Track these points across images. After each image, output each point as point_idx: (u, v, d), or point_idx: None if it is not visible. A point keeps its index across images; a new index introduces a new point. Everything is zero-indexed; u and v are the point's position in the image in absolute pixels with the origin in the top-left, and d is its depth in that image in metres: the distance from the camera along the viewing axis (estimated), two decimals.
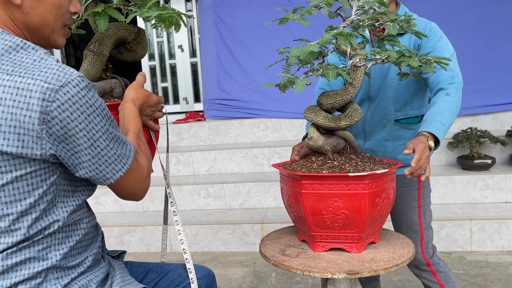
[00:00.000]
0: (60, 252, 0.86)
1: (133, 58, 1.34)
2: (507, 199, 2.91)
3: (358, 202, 1.10)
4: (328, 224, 1.13)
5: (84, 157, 0.83)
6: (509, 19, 3.53)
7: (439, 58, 1.12)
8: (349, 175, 1.08)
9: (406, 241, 1.23)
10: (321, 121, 1.20)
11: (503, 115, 3.52)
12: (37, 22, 0.88)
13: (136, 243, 3.03)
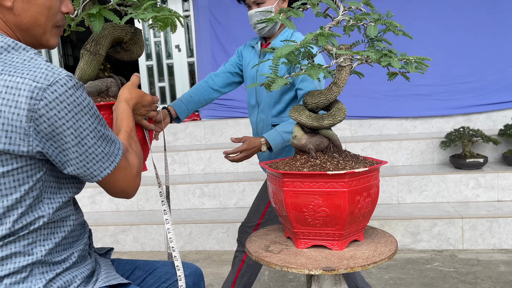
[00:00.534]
0: (45, 248, 0.89)
1: (129, 58, 1.37)
2: (499, 197, 2.93)
3: (337, 200, 1.11)
4: (309, 221, 1.15)
5: (71, 155, 0.86)
6: (500, 19, 3.55)
7: (420, 58, 1.14)
8: (328, 173, 1.10)
9: (390, 240, 1.25)
10: (304, 120, 1.22)
11: (496, 114, 3.54)
12: (29, 23, 0.90)
13: (131, 242, 3.05)
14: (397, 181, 3.05)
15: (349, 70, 1.20)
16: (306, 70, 1.16)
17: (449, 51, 3.62)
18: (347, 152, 1.25)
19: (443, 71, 3.63)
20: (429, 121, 3.64)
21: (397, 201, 3.06)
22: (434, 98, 3.60)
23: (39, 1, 0.90)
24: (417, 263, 2.53)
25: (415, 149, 3.35)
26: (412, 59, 1.12)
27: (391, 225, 2.77)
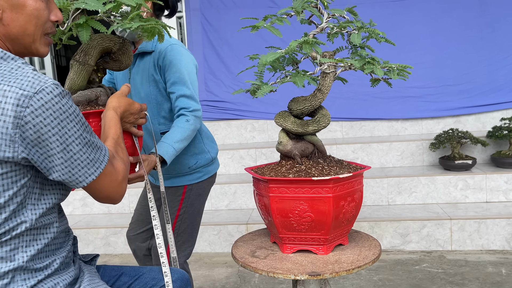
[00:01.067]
0: (28, 254, 0.89)
1: (118, 68, 1.39)
2: (487, 199, 2.97)
3: (322, 205, 1.13)
4: (295, 226, 1.16)
5: (57, 161, 0.87)
6: (489, 21, 3.59)
7: (402, 66, 1.16)
8: (313, 179, 1.12)
9: (374, 243, 1.27)
10: (290, 126, 1.23)
11: (485, 116, 3.58)
12: (18, 33, 0.92)
13: (122, 245, 3.05)
14: (387, 183, 3.08)
15: (333, 77, 1.22)
16: (291, 77, 1.17)
17: (439, 53, 3.66)
18: (332, 158, 1.27)
19: (433, 73, 3.67)
20: (419, 122, 3.67)
21: (387, 203, 3.09)
22: (424, 100, 3.64)
23: (27, 11, 0.91)
24: (406, 264, 2.56)
25: (405, 150, 3.38)
26: (394, 67, 1.13)
27: (381, 226, 2.80)
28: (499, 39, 3.58)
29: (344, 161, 1.30)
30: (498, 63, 3.59)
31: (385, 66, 1.14)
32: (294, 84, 1.17)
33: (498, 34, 3.58)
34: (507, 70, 3.57)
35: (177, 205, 1.71)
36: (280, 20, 1.23)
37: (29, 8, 0.91)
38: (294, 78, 1.15)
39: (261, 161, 3.54)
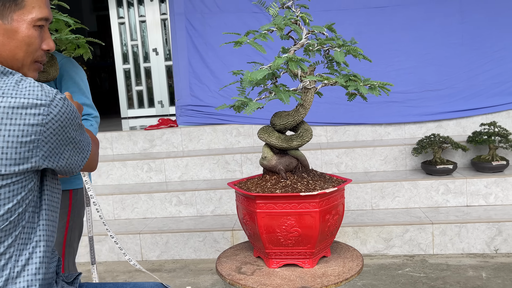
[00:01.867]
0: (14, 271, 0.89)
1: (45, 79, 1.47)
2: (468, 203, 3.03)
3: (309, 220, 1.15)
4: (281, 241, 1.17)
5: (64, 157, 0.94)
6: (469, 28, 3.67)
7: (382, 83, 1.19)
8: (300, 195, 1.13)
9: (355, 254, 1.29)
10: (274, 141, 1.25)
11: (466, 121, 3.66)
12: (7, 56, 0.94)
13: (106, 252, 3.03)
14: (371, 187, 3.12)
15: (313, 92, 1.24)
16: (277, 94, 1.18)
17: (421, 60, 3.72)
18: (314, 171, 1.29)
19: (415, 79, 3.73)
20: (402, 127, 3.73)
21: (371, 207, 3.13)
22: (407, 105, 3.70)
23: (18, 37, 0.93)
24: (389, 269, 2.60)
25: (389, 155, 3.43)
26: (376, 84, 1.16)
27: (365, 231, 2.83)
28: (478, 46, 3.67)
29: (326, 174, 1.32)
30: (477, 69, 3.67)
31: (367, 83, 1.16)
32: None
33: (478, 41, 3.66)
34: (486, 76, 3.65)
35: (65, 213, 1.72)
36: (264, 36, 1.24)
37: (22, 34, 0.93)
38: (280, 95, 1.16)
39: (247, 166, 3.55)
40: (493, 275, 2.42)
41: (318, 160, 3.49)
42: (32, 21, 0.94)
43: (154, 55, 6.26)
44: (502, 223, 2.71)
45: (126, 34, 6.21)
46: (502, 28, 3.64)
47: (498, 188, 2.99)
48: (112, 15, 6.17)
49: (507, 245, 2.70)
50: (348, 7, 3.73)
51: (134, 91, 6.29)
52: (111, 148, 3.94)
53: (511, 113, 3.62)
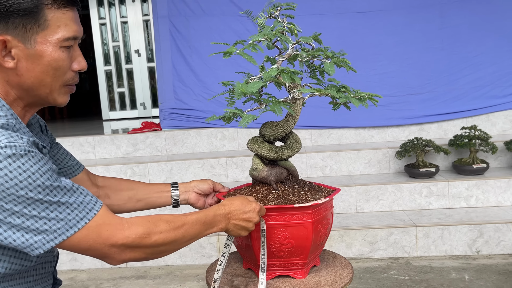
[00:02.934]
0: None
1: None
2: (450, 205, 3.09)
3: (303, 231, 1.14)
4: (275, 253, 1.17)
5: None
6: (449, 33, 3.75)
7: (371, 95, 1.19)
8: (294, 206, 1.13)
9: (344, 262, 1.30)
10: (265, 152, 1.24)
11: (447, 124, 3.74)
12: (33, 84, 0.84)
13: (89, 259, 2.97)
14: (356, 191, 3.15)
15: (302, 102, 1.24)
16: (270, 105, 1.17)
17: (403, 64, 3.78)
18: (304, 181, 1.29)
19: (397, 83, 3.79)
20: (385, 130, 3.78)
21: (355, 210, 3.16)
22: (390, 108, 3.75)
23: (44, 61, 0.83)
24: (375, 272, 2.63)
25: (373, 158, 3.47)
26: (365, 96, 1.17)
27: (350, 234, 2.86)
28: (458, 51, 3.75)
29: (314, 184, 1.32)
30: (458, 73, 3.75)
31: (357, 95, 1.17)
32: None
33: (457, 46, 3.74)
34: (466, 80, 3.74)
35: None
36: (254, 47, 1.23)
37: (47, 58, 0.83)
38: (272, 106, 1.15)
39: (232, 170, 3.54)
40: (475, 277, 2.48)
41: (303, 163, 3.50)
42: (58, 42, 0.84)
43: (136, 56, 6.19)
44: (483, 225, 2.78)
45: (108, 35, 6.11)
46: (481, 34, 3.73)
47: (479, 190, 3.06)
48: (93, 15, 6.07)
49: (488, 247, 2.77)
50: (332, 11, 3.76)
51: (116, 93, 6.20)
52: (94, 152, 3.87)
53: (490, 116, 3.71)
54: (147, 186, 1.29)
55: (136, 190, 1.26)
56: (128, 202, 1.25)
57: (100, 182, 1.24)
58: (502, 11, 3.71)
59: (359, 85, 4.04)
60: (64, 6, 0.84)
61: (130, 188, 1.26)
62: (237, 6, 3.81)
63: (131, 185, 1.27)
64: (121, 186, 1.26)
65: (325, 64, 1.18)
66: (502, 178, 3.06)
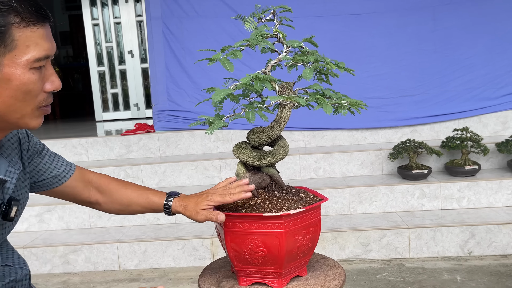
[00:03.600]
0: None
1: None
2: (442, 206, 3.12)
3: (275, 240, 1.12)
4: (249, 260, 1.16)
5: None
6: (441, 36, 3.77)
7: (354, 102, 1.18)
8: (263, 215, 1.12)
9: (338, 272, 1.27)
10: (246, 158, 1.23)
11: (439, 125, 3.76)
12: (1, 109, 0.79)
13: (82, 262, 2.96)
14: (349, 192, 3.16)
15: (291, 107, 1.23)
16: (246, 113, 1.16)
17: (395, 66, 3.80)
18: (289, 189, 1.26)
19: (390, 84, 3.81)
20: (378, 132, 3.80)
21: (349, 212, 3.17)
22: (383, 110, 3.77)
23: (12, 85, 0.76)
24: (368, 274, 2.64)
25: (366, 160, 3.48)
26: (345, 103, 1.15)
27: (343, 236, 2.87)
28: (450, 53, 3.77)
29: (303, 191, 1.28)
30: (449, 75, 3.78)
31: (335, 102, 1.15)
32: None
33: (450, 48, 3.77)
34: (458, 82, 3.76)
35: None
36: (235, 54, 1.22)
37: (16, 82, 0.77)
38: (247, 113, 1.14)
39: (225, 172, 3.53)
40: (467, 278, 2.50)
41: (296, 165, 3.51)
42: (27, 63, 0.77)
43: (129, 57, 6.16)
44: (475, 226, 2.80)
45: (101, 35, 6.08)
46: (473, 36, 3.76)
47: (471, 192, 3.09)
48: (86, 15, 6.03)
49: (480, 248, 2.79)
50: (325, 14, 3.77)
51: (109, 94, 6.17)
52: (86, 154, 3.85)
53: (482, 118, 3.74)
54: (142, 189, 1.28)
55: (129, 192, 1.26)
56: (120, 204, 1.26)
57: (94, 180, 1.24)
58: (493, 14, 3.74)
59: (352, 87, 4.10)
60: (33, 23, 0.77)
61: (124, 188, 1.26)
62: (231, 7, 3.81)
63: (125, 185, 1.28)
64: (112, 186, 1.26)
65: (304, 70, 1.16)
66: (493, 180, 3.08)
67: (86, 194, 1.21)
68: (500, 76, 3.75)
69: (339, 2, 3.79)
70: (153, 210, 1.26)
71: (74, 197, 1.21)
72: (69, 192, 1.18)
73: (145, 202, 1.24)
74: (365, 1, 3.78)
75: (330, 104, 1.12)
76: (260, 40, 1.21)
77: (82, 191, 1.20)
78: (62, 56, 9.62)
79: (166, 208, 1.23)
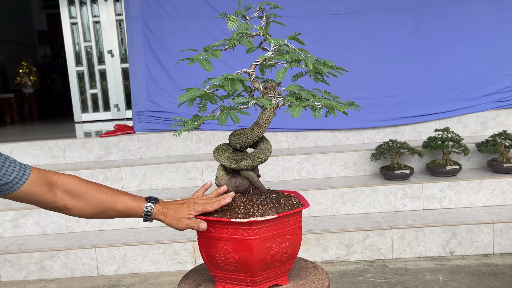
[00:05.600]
0: None
1: None
2: (424, 206, 3.13)
3: (246, 247, 1.08)
4: (222, 266, 1.13)
5: None
6: (423, 37, 3.80)
7: (331, 105, 1.15)
8: (231, 221, 1.08)
9: (322, 284, 1.22)
10: (223, 161, 1.19)
11: (421, 126, 3.78)
12: None
13: (59, 269, 2.86)
14: (332, 193, 3.15)
15: (274, 109, 1.19)
16: (220, 114, 1.12)
17: (378, 66, 3.81)
18: (269, 194, 1.22)
19: (373, 85, 3.81)
20: (361, 132, 3.80)
21: (332, 213, 3.16)
22: (365, 110, 3.77)
23: None
24: (351, 276, 2.62)
25: (348, 160, 3.47)
26: (319, 106, 1.12)
27: (326, 238, 2.85)
28: (432, 53, 3.80)
29: (282, 198, 1.23)
30: (431, 76, 3.81)
31: (308, 104, 1.12)
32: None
33: (431, 49, 3.79)
34: (439, 83, 3.79)
35: None
36: (214, 54, 1.18)
37: None
38: (220, 115, 1.10)
39: (208, 174, 3.48)
40: (449, 278, 2.50)
41: (280, 166, 3.48)
42: None
43: (109, 57, 6.04)
44: (456, 226, 2.82)
45: (79, 34, 5.95)
46: (453, 37, 3.80)
47: (452, 191, 3.11)
48: (64, 14, 5.89)
49: (461, 248, 2.81)
50: (308, 13, 3.75)
51: (88, 94, 6.04)
52: (64, 156, 3.74)
53: (462, 118, 3.78)
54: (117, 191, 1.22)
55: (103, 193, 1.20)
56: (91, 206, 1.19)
57: (59, 182, 1.16)
58: (473, 15, 3.78)
59: (335, 87, 4.03)
60: None
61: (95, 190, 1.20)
62: (212, 7, 3.76)
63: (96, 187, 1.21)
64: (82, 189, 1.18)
65: (278, 70, 1.13)
66: (474, 180, 3.11)
67: (50, 198, 1.13)
68: (480, 77, 3.79)
69: (321, 1, 3.77)
70: (131, 215, 1.20)
71: (35, 202, 1.13)
72: (28, 197, 1.10)
73: (122, 207, 1.18)
74: (348, 1, 3.77)
75: (301, 106, 1.08)
76: (236, 39, 1.17)
77: (45, 196, 1.12)
78: (39, 55, 9.39)
79: (147, 215, 1.18)
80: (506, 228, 2.80)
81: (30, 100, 7.05)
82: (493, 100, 3.75)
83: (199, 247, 1.14)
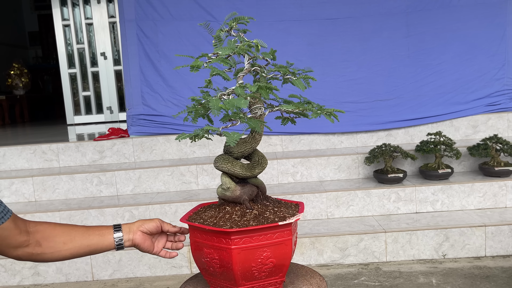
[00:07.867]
0: None
1: None
2: (417, 209, 3.17)
3: (284, 248, 1.14)
4: (256, 275, 1.14)
5: None
6: (414, 41, 3.85)
7: (320, 108, 1.20)
8: (279, 224, 1.12)
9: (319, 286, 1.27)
10: (238, 171, 1.21)
11: (413, 129, 3.83)
12: None
13: (53, 274, 2.85)
14: (326, 197, 3.17)
15: (263, 117, 1.23)
16: (253, 122, 1.15)
17: (370, 70, 3.85)
18: (272, 198, 1.29)
19: (366, 89, 3.85)
20: (354, 136, 3.83)
21: (326, 216, 3.18)
22: (358, 114, 3.80)
23: None
24: (346, 279, 2.65)
25: (342, 164, 3.50)
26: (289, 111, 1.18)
27: (321, 241, 2.87)
28: (423, 58, 3.85)
29: (281, 200, 1.31)
30: (422, 80, 3.86)
31: (297, 107, 1.17)
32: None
33: (423, 53, 3.84)
34: (430, 87, 3.84)
35: None
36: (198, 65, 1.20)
37: None
38: (251, 122, 1.13)
39: (203, 178, 3.48)
40: (442, 281, 2.54)
41: (274, 170, 3.50)
42: None
43: (102, 59, 6.01)
44: (448, 229, 2.86)
45: (72, 36, 5.91)
46: (443, 42, 3.85)
47: (444, 195, 3.15)
48: (56, 15, 5.86)
49: (453, 250, 2.85)
50: (301, 18, 3.78)
51: (81, 96, 6.00)
52: (57, 160, 3.72)
53: (454, 122, 3.83)
54: (86, 229, 1.19)
55: (73, 235, 1.16)
56: (63, 249, 1.15)
57: (31, 227, 1.12)
58: (464, 20, 3.84)
59: (329, 92, 4.09)
60: None
61: (66, 233, 1.15)
62: (206, 11, 3.77)
63: (67, 229, 1.17)
64: (54, 232, 1.14)
65: (294, 81, 1.16)
66: (465, 183, 3.16)
67: (22, 239, 1.09)
68: (470, 81, 3.85)
69: (315, 6, 3.80)
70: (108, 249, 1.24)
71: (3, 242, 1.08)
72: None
73: (92, 250, 1.20)
74: (341, 5, 3.81)
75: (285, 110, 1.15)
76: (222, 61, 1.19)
77: (19, 237, 1.09)
78: (31, 56, 9.31)
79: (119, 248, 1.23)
80: (498, 231, 2.85)
81: (22, 102, 6.99)
82: (484, 104, 3.81)
83: (233, 262, 1.12)
